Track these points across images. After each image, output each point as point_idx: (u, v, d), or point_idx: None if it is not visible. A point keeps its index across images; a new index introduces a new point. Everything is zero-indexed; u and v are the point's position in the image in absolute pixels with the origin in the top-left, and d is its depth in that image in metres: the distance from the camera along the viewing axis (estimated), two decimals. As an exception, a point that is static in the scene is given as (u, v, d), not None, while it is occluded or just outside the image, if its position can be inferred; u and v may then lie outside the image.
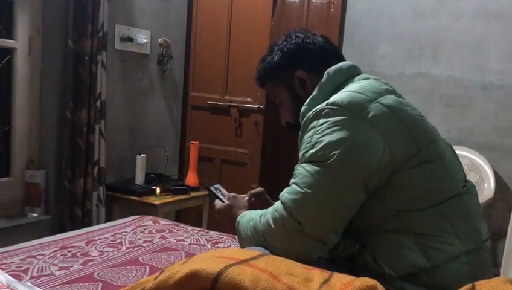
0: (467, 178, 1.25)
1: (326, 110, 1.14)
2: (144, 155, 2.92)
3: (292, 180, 1.16)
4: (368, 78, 1.28)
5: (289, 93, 1.38)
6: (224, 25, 3.33)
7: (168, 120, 3.42)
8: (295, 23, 3.25)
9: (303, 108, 1.28)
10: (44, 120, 2.65)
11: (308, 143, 1.15)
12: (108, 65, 2.74)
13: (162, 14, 3.22)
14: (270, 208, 1.18)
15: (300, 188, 1.11)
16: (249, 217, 1.25)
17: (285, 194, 1.14)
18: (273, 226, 1.14)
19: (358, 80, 1.27)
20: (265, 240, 1.16)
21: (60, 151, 2.63)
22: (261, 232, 1.17)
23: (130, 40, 2.98)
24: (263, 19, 3.17)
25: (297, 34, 1.38)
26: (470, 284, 0.80)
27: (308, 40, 1.36)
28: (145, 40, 3.09)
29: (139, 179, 2.90)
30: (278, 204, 1.16)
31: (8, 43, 2.50)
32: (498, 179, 2.70)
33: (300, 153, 1.17)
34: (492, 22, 2.81)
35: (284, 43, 1.38)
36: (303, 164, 1.14)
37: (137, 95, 3.13)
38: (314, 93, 1.27)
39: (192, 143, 3.07)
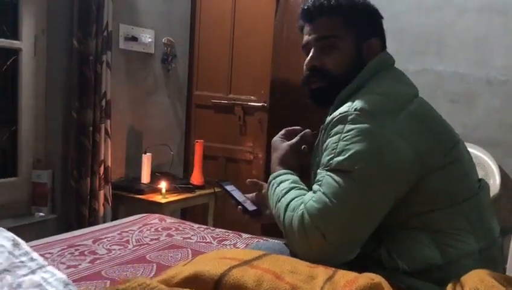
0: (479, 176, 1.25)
1: (353, 115, 1.08)
2: (149, 154, 2.94)
3: (317, 186, 1.09)
4: (393, 72, 1.25)
5: (352, 47, 1.23)
6: (227, 23, 3.33)
7: (172, 119, 3.43)
8: (299, 21, 3.24)
9: (342, 92, 1.20)
10: (50, 120, 2.67)
11: (333, 149, 1.09)
12: (113, 65, 2.75)
13: (166, 13, 3.23)
14: (298, 202, 1.11)
15: (327, 197, 1.05)
16: (279, 192, 1.18)
17: (310, 201, 1.08)
18: (296, 230, 1.08)
19: (385, 75, 1.22)
20: (287, 237, 1.12)
21: (66, 151, 2.64)
22: (285, 226, 1.12)
23: (134, 39, 3.00)
24: (266, 17, 3.17)
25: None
26: (456, 279, 0.81)
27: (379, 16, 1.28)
28: (149, 40, 3.10)
29: (145, 177, 2.92)
30: (304, 210, 1.08)
31: (13, 43, 2.52)
32: (503, 175, 2.70)
33: (325, 159, 1.10)
34: (497, 17, 2.80)
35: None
36: (330, 173, 1.08)
37: (142, 94, 3.14)
38: (357, 79, 1.20)
39: (197, 141, 3.08)
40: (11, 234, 1.21)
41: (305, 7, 1.29)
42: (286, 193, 1.17)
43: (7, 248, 1.15)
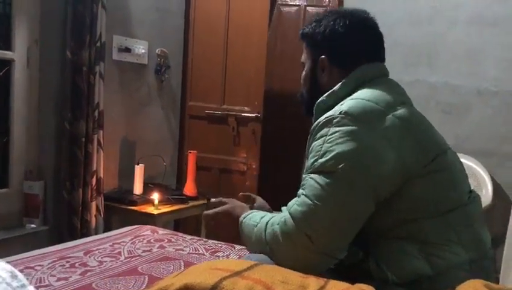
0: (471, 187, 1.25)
1: (338, 118, 1.11)
2: (142, 165, 2.92)
3: (301, 191, 1.11)
4: (385, 83, 1.27)
5: (311, 68, 1.36)
6: (221, 34, 3.34)
7: (166, 130, 3.43)
8: (292, 32, 3.27)
9: (320, 99, 1.26)
10: (43, 131, 2.66)
11: (317, 152, 1.11)
12: (106, 76, 2.75)
13: (159, 24, 3.24)
14: (277, 218, 1.13)
15: (310, 200, 1.07)
16: (254, 222, 1.20)
17: (294, 205, 1.10)
18: (280, 238, 1.09)
19: (376, 83, 1.24)
20: (272, 251, 1.12)
21: (59, 162, 2.63)
22: (268, 242, 1.13)
23: (128, 50, 3.00)
24: (260, 28, 3.19)
25: (345, 22, 1.28)
26: (451, 289, 0.81)
27: (350, 36, 1.29)
28: (143, 51, 3.11)
29: (138, 188, 2.90)
30: (287, 216, 1.10)
31: (6, 54, 2.51)
32: (495, 185, 2.71)
33: (310, 162, 1.13)
34: (488, 28, 2.83)
35: (332, 22, 1.29)
36: (313, 175, 1.10)
37: (135, 105, 3.14)
38: (336, 88, 1.25)
39: (190, 152, 3.08)
40: (9, 266, 1.20)
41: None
42: (260, 219, 1.19)
43: (5, 279, 1.14)
